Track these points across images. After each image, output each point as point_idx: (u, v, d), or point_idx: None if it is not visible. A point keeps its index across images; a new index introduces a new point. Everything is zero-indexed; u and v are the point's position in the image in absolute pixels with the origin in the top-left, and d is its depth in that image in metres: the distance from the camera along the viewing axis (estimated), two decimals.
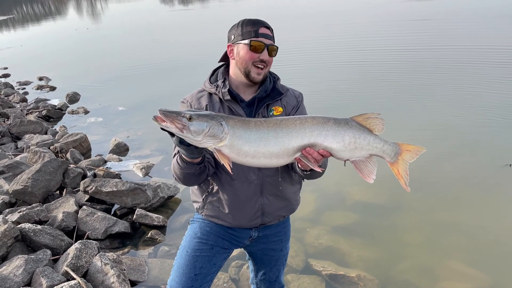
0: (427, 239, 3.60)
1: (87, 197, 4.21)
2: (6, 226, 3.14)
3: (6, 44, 19.47)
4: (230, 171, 1.53)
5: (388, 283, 3.15)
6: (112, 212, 4.18)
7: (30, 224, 3.36)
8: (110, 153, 5.83)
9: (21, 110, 8.13)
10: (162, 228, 3.96)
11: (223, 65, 1.94)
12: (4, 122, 7.18)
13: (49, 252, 3.14)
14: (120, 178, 4.77)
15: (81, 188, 4.20)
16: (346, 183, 4.45)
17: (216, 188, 1.87)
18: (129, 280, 3.05)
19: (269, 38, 1.77)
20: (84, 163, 5.22)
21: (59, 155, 5.50)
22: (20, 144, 6.14)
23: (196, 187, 1.94)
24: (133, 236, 3.87)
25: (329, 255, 3.47)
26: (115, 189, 4.10)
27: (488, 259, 3.30)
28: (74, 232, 3.66)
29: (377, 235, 3.71)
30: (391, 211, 4.04)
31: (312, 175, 1.74)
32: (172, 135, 1.52)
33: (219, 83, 1.83)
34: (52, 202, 4.03)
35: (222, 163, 1.51)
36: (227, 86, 1.81)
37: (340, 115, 1.61)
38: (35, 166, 4.33)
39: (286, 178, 1.89)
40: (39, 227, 3.34)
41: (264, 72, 1.79)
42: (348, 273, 3.17)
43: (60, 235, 3.39)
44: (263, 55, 1.75)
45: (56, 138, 6.19)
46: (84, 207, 3.89)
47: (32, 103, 8.72)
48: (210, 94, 1.86)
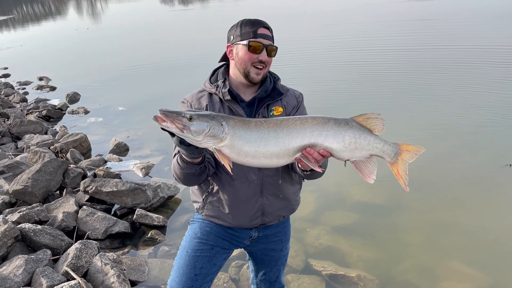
0: (427, 239, 3.60)
1: (87, 197, 4.21)
2: (6, 226, 3.14)
3: (6, 44, 19.47)
4: (230, 171, 1.53)
5: (388, 283, 3.15)
6: (112, 212, 4.19)
7: (30, 224, 3.36)
8: (110, 153, 5.83)
9: (21, 110, 8.13)
10: (162, 228, 3.96)
11: (223, 65, 1.94)
12: (4, 122, 7.18)
13: (49, 252, 3.14)
14: (120, 178, 4.77)
15: (81, 188, 4.20)
16: (346, 183, 4.45)
17: (216, 188, 1.87)
18: (129, 280, 3.05)
19: (268, 39, 1.76)
20: (84, 163, 5.22)
21: (59, 155, 5.50)
22: (20, 144, 6.14)
23: (196, 187, 1.94)
24: (133, 236, 3.87)
25: (329, 255, 3.47)
26: (115, 189, 4.10)
27: (488, 259, 3.30)
28: (74, 232, 3.66)
29: (377, 235, 3.71)
30: (391, 211, 4.04)
31: (313, 175, 1.74)
32: (172, 135, 1.52)
33: (219, 83, 1.83)
34: (52, 202, 4.03)
35: (223, 163, 1.51)
36: (227, 86, 1.80)
37: (340, 115, 1.61)
38: (35, 166, 4.34)
39: (286, 178, 1.89)
40: (39, 227, 3.34)
41: (263, 72, 1.79)
42: (348, 273, 3.17)
43: (60, 235, 3.39)
44: (262, 55, 1.75)
45: (56, 138, 6.19)
46: (84, 207, 3.89)
47: (32, 103, 8.72)
48: (210, 94, 1.86)
